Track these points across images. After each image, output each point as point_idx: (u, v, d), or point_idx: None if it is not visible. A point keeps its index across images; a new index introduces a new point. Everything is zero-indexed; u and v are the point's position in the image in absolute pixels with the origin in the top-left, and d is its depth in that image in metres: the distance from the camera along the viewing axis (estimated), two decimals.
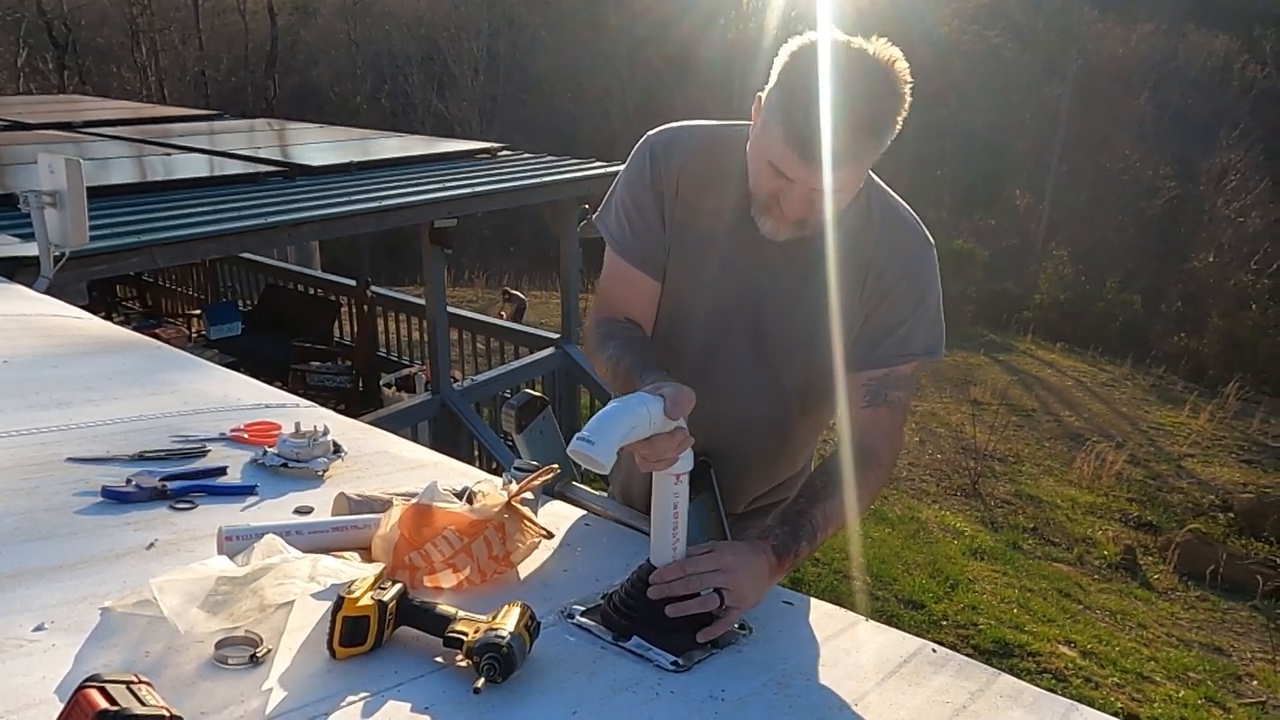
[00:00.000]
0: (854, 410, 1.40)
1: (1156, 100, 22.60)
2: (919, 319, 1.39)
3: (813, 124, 1.18)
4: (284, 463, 1.51)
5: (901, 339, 1.39)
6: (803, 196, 1.26)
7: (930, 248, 1.41)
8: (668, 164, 1.41)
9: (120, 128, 7.23)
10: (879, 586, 5.72)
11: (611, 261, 1.47)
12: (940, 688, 1.06)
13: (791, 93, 1.21)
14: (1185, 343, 16.76)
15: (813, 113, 1.18)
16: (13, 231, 3.62)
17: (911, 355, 1.40)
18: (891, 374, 1.39)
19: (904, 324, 1.38)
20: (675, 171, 1.41)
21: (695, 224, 1.42)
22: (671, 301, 1.47)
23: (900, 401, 1.40)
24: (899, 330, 1.38)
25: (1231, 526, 8.14)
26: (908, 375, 1.41)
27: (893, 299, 1.38)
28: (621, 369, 1.30)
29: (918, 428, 9.56)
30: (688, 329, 1.47)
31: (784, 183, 1.26)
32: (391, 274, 13.28)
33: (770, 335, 1.44)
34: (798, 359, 1.44)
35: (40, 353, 2.08)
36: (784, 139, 1.21)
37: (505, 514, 1.21)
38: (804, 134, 1.19)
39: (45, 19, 23.24)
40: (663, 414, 1.10)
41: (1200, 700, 5.04)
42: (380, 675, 0.99)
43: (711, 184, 1.40)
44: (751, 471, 1.59)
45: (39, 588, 1.14)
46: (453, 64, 24.89)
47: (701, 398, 1.13)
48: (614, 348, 1.35)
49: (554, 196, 6.26)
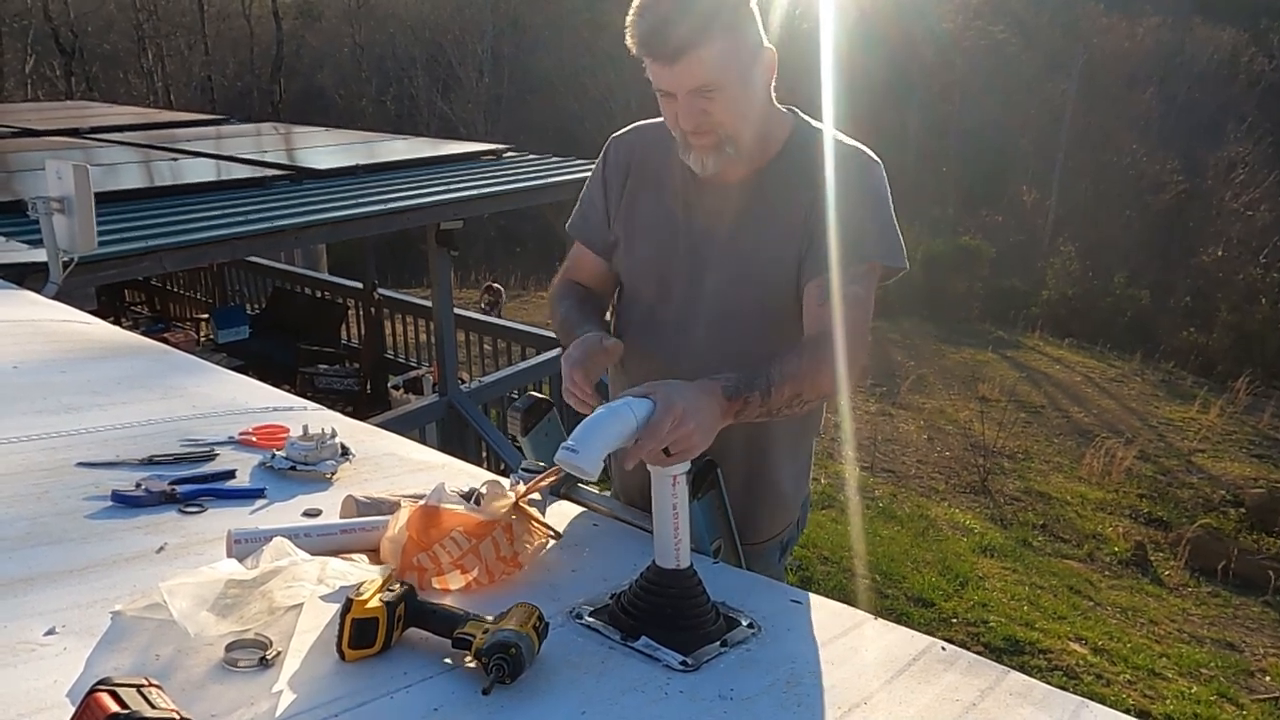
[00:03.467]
0: (809, 311, 1.44)
1: (1163, 95, 22.51)
2: (865, 222, 1.44)
3: (655, 24, 1.31)
4: (292, 465, 1.52)
5: (851, 243, 1.42)
6: (689, 105, 1.35)
7: (872, 163, 1.47)
8: (617, 156, 1.61)
9: (127, 133, 7.25)
10: (888, 584, 5.71)
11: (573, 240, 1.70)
12: (950, 685, 1.05)
13: (638, 9, 1.33)
14: (1194, 337, 16.66)
15: (652, 16, 1.31)
16: (22, 238, 3.63)
17: (865, 257, 1.44)
18: (848, 273, 1.42)
19: (849, 228, 1.42)
20: (625, 160, 1.60)
21: (644, 195, 1.58)
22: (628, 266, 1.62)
23: (858, 296, 1.42)
24: (846, 235, 1.42)
25: (1242, 522, 8.10)
26: (863, 274, 1.44)
27: (834, 209, 1.43)
28: (567, 324, 1.53)
29: (926, 425, 9.54)
30: (642, 282, 1.60)
31: (673, 103, 1.37)
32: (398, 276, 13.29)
33: (713, 271, 1.51)
34: (738, 288, 1.50)
35: (49, 358, 2.09)
36: (641, 51, 1.34)
37: (513, 515, 1.22)
38: (651, 36, 1.31)
39: (52, 26, 23.33)
40: (649, 416, 1.10)
41: (1212, 696, 5.01)
42: (389, 677, 0.99)
43: (658, 158, 1.55)
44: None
45: (50, 592, 1.14)
46: (457, 66, 24.93)
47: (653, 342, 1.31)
48: (565, 306, 1.58)
49: (559, 197, 6.25)
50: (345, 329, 7.75)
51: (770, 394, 1.29)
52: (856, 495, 7.27)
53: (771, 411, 1.32)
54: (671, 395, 1.15)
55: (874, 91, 18.33)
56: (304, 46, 27.98)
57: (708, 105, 1.35)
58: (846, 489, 7.37)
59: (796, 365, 1.35)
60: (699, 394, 1.19)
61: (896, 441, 8.95)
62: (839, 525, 6.53)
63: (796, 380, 1.33)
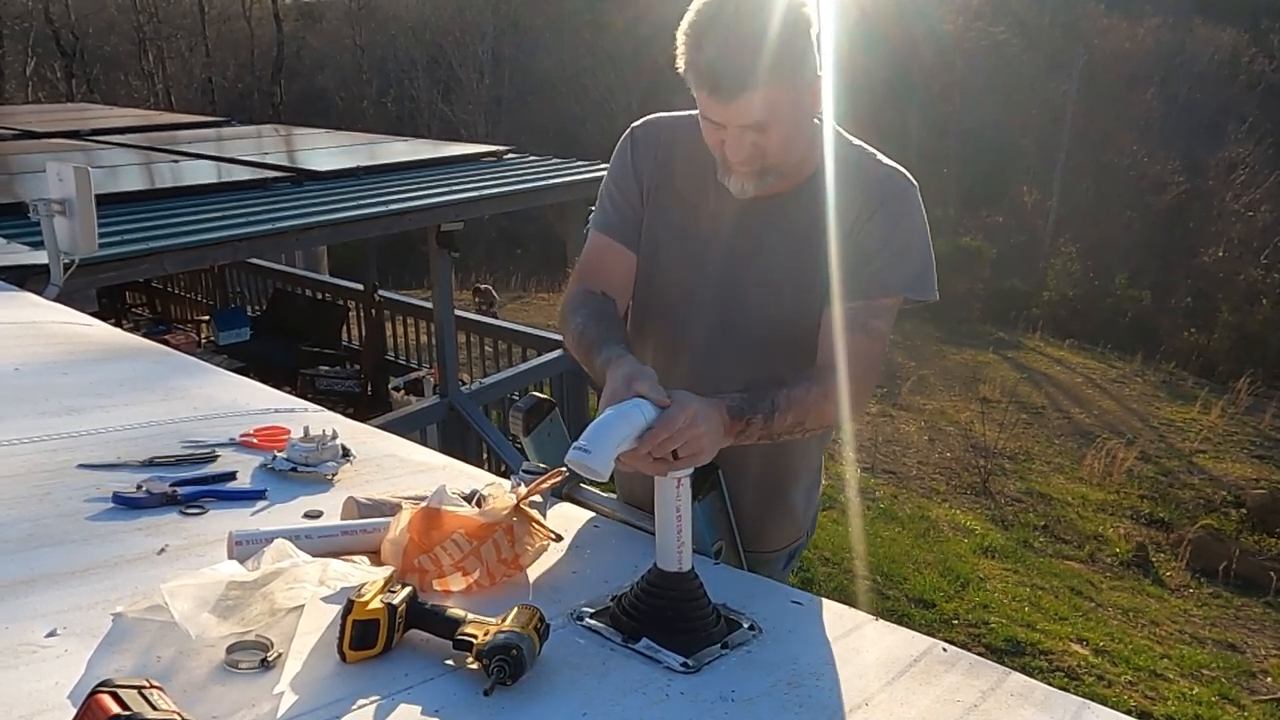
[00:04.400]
0: (824, 335, 1.41)
1: (1163, 95, 22.49)
2: (893, 253, 1.40)
3: (714, 60, 1.23)
4: (293, 467, 1.52)
5: (875, 273, 1.40)
6: (738, 138, 1.30)
7: (908, 186, 1.43)
8: (645, 148, 1.51)
9: (128, 135, 7.26)
10: (889, 586, 5.71)
11: (592, 238, 1.55)
12: (951, 687, 1.05)
13: (694, 38, 1.26)
14: (1195, 338, 16.66)
15: (712, 50, 1.23)
16: (23, 240, 3.64)
17: (889, 290, 1.41)
18: (869, 305, 1.40)
19: (876, 258, 1.39)
20: (652, 154, 1.50)
21: (673, 200, 1.50)
22: (649, 274, 1.53)
23: (878, 330, 1.41)
24: (871, 264, 1.39)
25: (1244, 522, 8.09)
26: (887, 307, 1.42)
27: (863, 235, 1.40)
28: (585, 339, 1.38)
29: (927, 426, 9.54)
30: (663, 295, 1.53)
31: (721, 131, 1.31)
32: (399, 278, 13.29)
33: (739, 291, 1.47)
34: (768, 311, 1.47)
35: (51, 360, 2.09)
36: (697, 84, 1.27)
37: (514, 517, 1.22)
38: (710, 72, 1.24)
39: (53, 28, 23.35)
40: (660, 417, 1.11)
41: (1214, 698, 5.01)
42: (390, 678, 0.99)
43: (687, 161, 1.47)
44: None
45: (51, 593, 1.14)
46: (458, 67, 24.94)
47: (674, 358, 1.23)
48: (581, 317, 1.42)
49: (560, 198, 6.26)
50: (346, 330, 7.75)
51: (773, 419, 1.27)
52: (857, 496, 7.27)
53: (772, 436, 1.30)
54: (685, 396, 1.16)
55: (874, 91, 18.33)
56: (305, 48, 28.01)
57: (759, 139, 1.29)
58: (847, 490, 7.37)
59: (804, 394, 1.32)
60: (705, 406, 1.19)
61: (897, 442, 8.95)
62: (840, 526, 6.53)
63: (802, 408, 1.31)
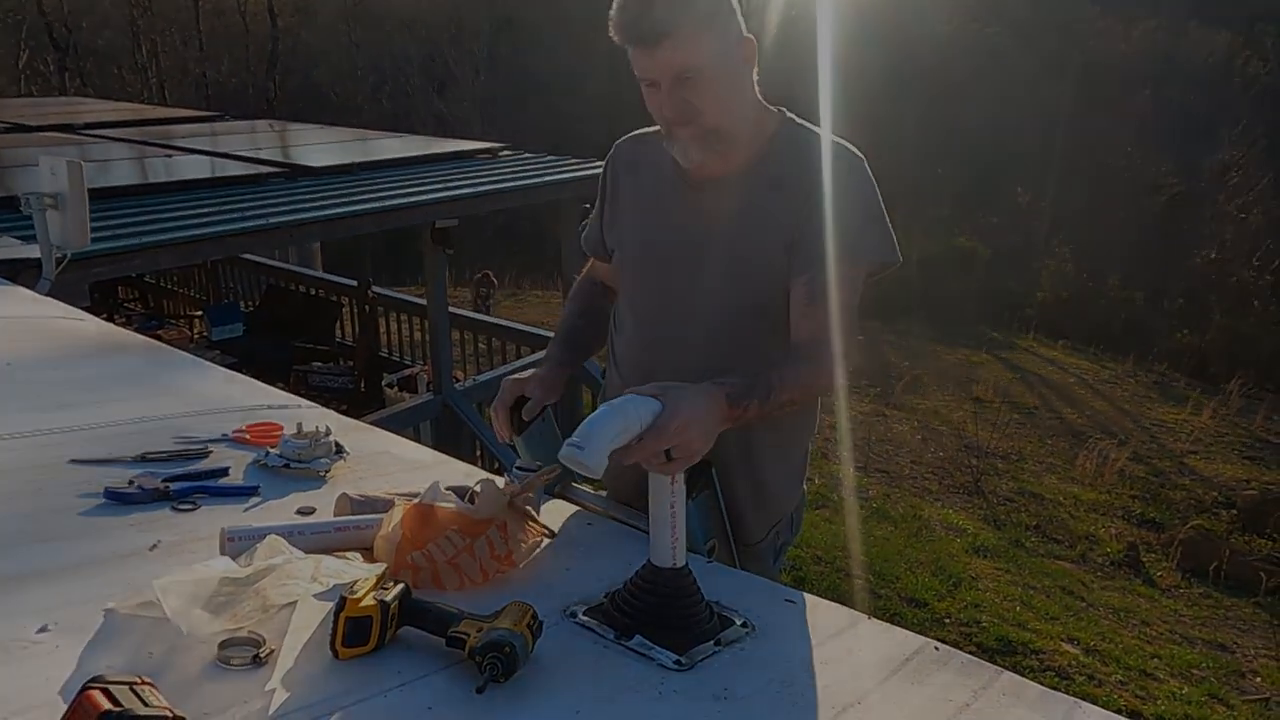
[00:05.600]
0: (797, 308, 1.45)
1: (1157, 97, 22.54)
2: (858, 223, 1.45)
3: (635, 12, 1.34)
4: (286, 463, 1.51)
5: (845, 245, 1.43)
6: (671, 95, 1.38)
7: (855, 159, 1.48)
8: (615, 162, 1.66)
9: (121, 129, 7.23)
10: (881, 585, 5.72)
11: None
12: (943, 685, 1.06)
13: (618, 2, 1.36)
14: (1187, 340, 16.71)
15: (634, 4, 1.34)
16: (15, 233, 3.62)
17: (857, 260, 1.45)
18: (836, 274, 1.43)
19: (840, 229, 1.43)
20: (621, 166, 1.64)
21: (639, 198, 1.61)
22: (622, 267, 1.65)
23: (848, 299, 1.44)
24: (837, 236, 1.43)
25: (1234, 523, 8.12)
26: (849, 276, 1.45)
27: (819, 209, 1.44)
28: (557, 332, 1.71)
29: (920, 425, 9.56)
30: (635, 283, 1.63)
31: (657, 94, 1.40)
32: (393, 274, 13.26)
33: (701, 278, 1.53)
34: (732, 293, 1.51)
35: (43, 355, 2.08)
36: (623, 39, 1.37)
37: (507, 514, 1.22)
38: (632, 23, 1.35)
39: (46, 21, 23.25)
40: (654, 415, 1.10)
41: (1204, 697, 5.03)
42: (383, 675, 0.99)
43: (651, 160, 1.57)
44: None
45: (43, 589, 1.14)
46: (453, 64, 24.89)
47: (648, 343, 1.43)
48: (567, 310, 1.76)
49: (555, 196, 6.25)
50: (340, 327, 7.73)
51: (769, 400, 1.31)
52: (851, 495, 7.29)
53: (764, 415, 1.34)
54: (679, 399, 1.16)
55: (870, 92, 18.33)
56: (299, 44, 27.90)
57: (690, 93, 1.38)
58: (841, 489, 7.38)
59: (796, 373, 1.39)
60: (703, 398, 1.20)
61: (891, 442, 8.96)
62: (833, 525, 6.54)
63: (795, 388, 1.37)
